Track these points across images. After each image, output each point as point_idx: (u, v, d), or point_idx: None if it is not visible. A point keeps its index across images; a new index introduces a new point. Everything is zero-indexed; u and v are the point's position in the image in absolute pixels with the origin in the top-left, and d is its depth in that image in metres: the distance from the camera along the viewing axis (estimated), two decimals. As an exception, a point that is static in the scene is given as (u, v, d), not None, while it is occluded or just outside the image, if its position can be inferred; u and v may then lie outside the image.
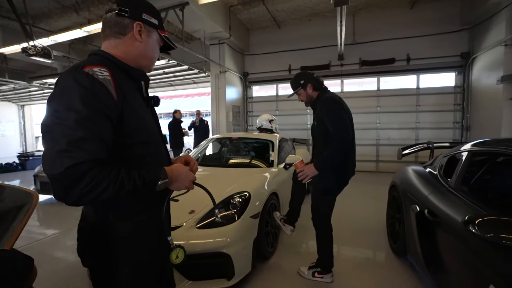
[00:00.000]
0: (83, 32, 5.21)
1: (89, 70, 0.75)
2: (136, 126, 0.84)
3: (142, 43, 0.92)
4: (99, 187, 0.70)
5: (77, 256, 0.94)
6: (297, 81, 2.09)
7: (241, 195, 2.25)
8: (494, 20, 5.27)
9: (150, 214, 0.92)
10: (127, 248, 0.86)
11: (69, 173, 0.67)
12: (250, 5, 6.56)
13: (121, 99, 0.79)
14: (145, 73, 0.98)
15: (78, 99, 0.71)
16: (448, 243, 1.57)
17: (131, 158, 0.84)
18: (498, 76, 5.05)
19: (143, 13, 0.91)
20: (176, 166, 0.91)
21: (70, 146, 0.68)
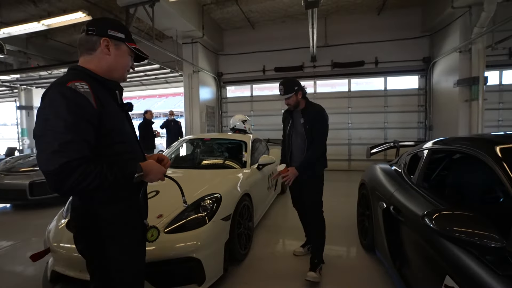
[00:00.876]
0: (42, 25, 4.83)
1: (72, 85, 0.92)
2: (113, 129, 1.02)
3: (111, 56, 1.08)
4: (88, 179, 0.87)
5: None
6: (291, 86, 2.24)
7: (212, 197, 2.19)
8: (450, 28, 5.71)
9: (128, 202, 1.09)
10: (111, 229, 1.03)
11: (63, 169, 0.84)
12: (223, 5, 6.49)
13: (99, 107, 0.96)
14: (119, 83, 1.16)
15: (65, 109, 0.88)
16: (410, 238, 1.64)
17: (111, 156, 1.01)
18: (454, 80, 5.47)
19: (109, 29, 1.07)
20: (149, 162, 1.09)
21: (62, 147, 0.85)
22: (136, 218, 1.12)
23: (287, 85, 2.25)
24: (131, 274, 1.10)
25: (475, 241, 0.99)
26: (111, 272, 1.05)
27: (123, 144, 1.06)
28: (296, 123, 2.35)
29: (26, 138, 8.53)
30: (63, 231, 2.04)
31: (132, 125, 1.19)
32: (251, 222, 2.75)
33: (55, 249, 1.90)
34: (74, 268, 1.82)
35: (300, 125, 2.30)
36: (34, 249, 2.67)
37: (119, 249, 1.05)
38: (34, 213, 4.09)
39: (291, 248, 2.77)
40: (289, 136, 2.40)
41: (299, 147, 2.33)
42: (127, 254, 1.08)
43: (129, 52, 1.13)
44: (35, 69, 6.67)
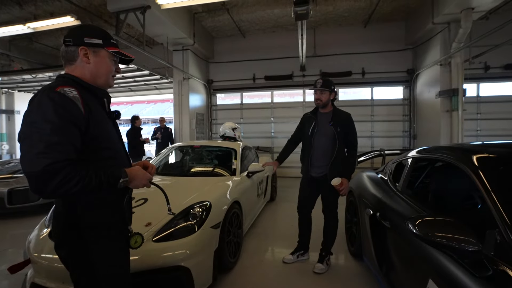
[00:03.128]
0: (28, 28, 4.73)
1: (61, 90, 0.93)
2: (99, 134, 1.03)
3: (91, 64, 1.07)
4: (71, 182, 0.86)
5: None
6: (330, 83, 2.38)
7: (202, 205, 2.18)
8: (431, 42, 6.01)
9: (112, 207, 1.09)
10: (94, 234, 1.03)
11: (46, 170, 0.83)
12: (215, 13, 6.58)
13: (87, 113, 0.97)
14: (106, 91, 1.17)
15: (52, 113, 0.89)
16: (396, 244, 1.69)
17: (97, 160, 1.02)
18: (436, 91, 5.73)
19: (85, 37, 1.06)
20: (134, 168, 1.09)
21: (47, 149, 0.85)
22: (120, 224, 1.11)
23: (326, 81, 2.37)
24: (117, 280, 1.09)
25: (454, 245, 1.04)
26: (97, 278, 1.04)
27: (109, 150, 1.07)
28: (322, 124, 2.41)
29: (5, 144, 8.18)
30: (45, 241, 1.96)
31: (119, 132, 1.21)
32: (240, 230, 2.74)
33: (36, 260, 1.83)
34: (56, 280, 1.75)
35: (328, 127, 2.37)
36: (10, 261, 2.56)
37: (103, 254, 1.04)
38: (11, 222, 3.91)
39: (280, 255, 2.77)
40: (311, 137, 2.44)
41: (322, 147, 2.40)
42: (112, 259, 1.07)
43: (110, 56, 1.12)
44: (18, 72, 6.48)
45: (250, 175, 3.34)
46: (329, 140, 2.37)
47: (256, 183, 3.60)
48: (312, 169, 2.46)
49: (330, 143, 2.36)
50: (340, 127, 2.35)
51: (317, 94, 2.40)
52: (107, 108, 1.14)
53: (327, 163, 2.37)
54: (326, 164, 2.38)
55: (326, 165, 2.38)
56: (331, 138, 2.36)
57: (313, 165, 2.45)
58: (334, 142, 2.35)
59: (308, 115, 2.55)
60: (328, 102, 2.42)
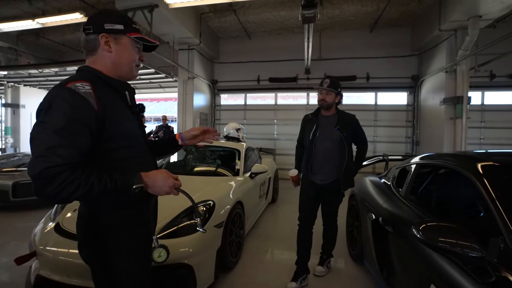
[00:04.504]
0: (36, 23, 4.78)
1: (72, 85, 0.86)
2: (118, 132, 0.95)
3: (113, 53, 0.99)
4: (70, 188, 0.80)
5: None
6: (337, 85, 2.26)
7: (206, 204, 2.20)
8: (437, 49, 6.01)
9: (132, 210, 1.01)
10: (115, 236, 0.98)
11: (43, 174, 0.78)
12: (221, 14, 6.61)
13: (102, 109, 0.90)
14: (127, 84, 1.08)
15: (59, 112, 0.83)
16: (398, 249, 1.70)
17: (117, 161, 0.96)
18: (440, 98, 5.73)
19: (105, 23, 0.97)
20: (154, 172, 0.96)
21: (47, 152, 0.79)
22: (141, 228, 1.04)
23: (334, 81, 2.25)
24: (138, 283, 1.04)
25: (458, 251, 1.05)
26: (117, 281, 1.01)
27: (131, 149, 1.00)
28: (326, 128, 2.25)
29: (9, 137, 8.24)
30: (50, 234, 1.99)
31: (143, 128, 1.11)
32: (242, 230, 2.76)
33: (41, 252, 1.86)
34: (60, 273, 1.78)
35: (333, 131, 2.21)
36: (12, 254, 2.60)
37: (124, 257, 1.00)
38: (16, 215, 3.95)
39: (280, 257, 2.79)
40: (312, 141, 2.26)
41: (326, 152, 2.23)
42: (133, 262, 1.02)
43: (133, 43, 1.02)
44: (25, 67, 6.54)
45: (253, 176, 3.35)
46: (335, 145, 2.22)
47: (259, 184, 3.62)
48: (314, 175, 2.28)
49: (337, 149, 2.22)
50: (347, 131, 2.22)
51: (322, 94, 2.24)
52: (129, 101, 1.06)
53: (333, 169, 2.23)
54: (331, 170, 2.23)
55: (331, 171, 2.24)
56: (337, 143, 2.21)
57: (315, 171, 2.27)
58: (341, 147, 2.21)
59: (309, 117, 2.38)
60: (333, 105, 2.27)
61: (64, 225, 2.03)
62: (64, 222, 2.06)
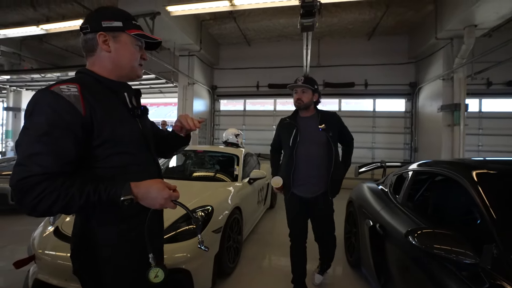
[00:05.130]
0: (40, 29, 4.85)
1: (56, 88, 0.80)
2: (111, 138, 0.86)
3: (112, 52, 0.92)
4: (48, 199, 0.73)
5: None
6: (312, 82, 2.04)
7: (204, 209, 2.21)
8: (434, 57, 6.10)
9: (127, 224, 0.92)
10: (106, 252, 0.89)
11: (20, 185, 0.72)
12: (221, 21, 6.71)
13: (90, 113, 0.82)
14: (126, 85, 1.00)
15: (41, 117, 0.77)
16: (395, 255, 1.71)
17: (110, 168, 0.88)
18: (438, 105, 5.78)
19: (102, 21, 0.90)
20: (146, 182, 0.84)
21: (25, 160, 0.74)
22: (136, 245, 0.93)
23: (309, 78, 2.04)
24: None
25: (452, 257, 1.07)
26: None
27: (126, 156, 0.90)
28: (307, 130, 2.01)
29: (10, 140, 8.27)
30: (49, 238, 2.00)
31: (145, 132, 1.01)
32: (240, 235, 2.76)
33: (40, 256, 1.86)
34: (59, 277, 1.78)
35: (317, 132, 1.98)
36: (10, 258, 2.59)
37: (114, 275, 0.91)
38: (14, 218, 3.94)
39: (278, 263, 2.78)
40: (293, 148, 1.99)
41: (311, 158, 1.97)
42: (124, 282, 0.93)
43: (133, 41, 0.95)
44: (28, 72, 6.61)
45: (252, 182, 3.37)
46: (321, 149, 1.97)
47: (257, 190, 3.63)
48: (298, 187, 2.00)
49: (324, 152, 1.97)
50: (332, 130, 2.00)
51: (297, 93, 2.00)
52: (129, 103, 0.96)
53: (322, 177, 1.98)
54: (319, 178, 1.98)
55: (319, 181, 1.98)
56: (324, 146, 1.97)
57: (299, 183, 1.99)
58: (329, 150, 1.97)
59: (286, 121, 2.13)
60: (311, 104, 2.04)
61: (63, 229, 2.03)
62: (64, 226, 2.07)
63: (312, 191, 2.00)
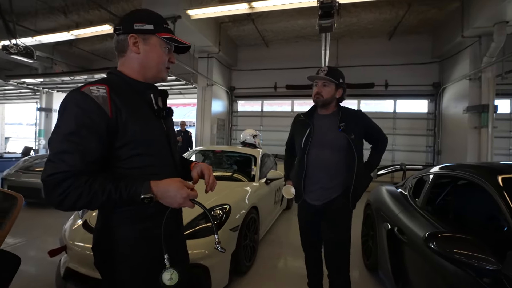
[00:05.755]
0: (71, 35, 5.17)
1: (86, 89, 0.83)
2: (135, 139, 0.88)
3: (141, 54, 0.94)
4: (73, 195, 0.76)
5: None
6: (337, 74, 1.69)
7: (222, 208, 2.27)
8: (460, 56, 5.83)
9: (150, 224, 0.94)
10: (122, 251, 0.91)
11: (48, 181, 0.76)
12: (240, 23, 6.82)
13: (116, 114, 0.84)
14: (153, 86, 1.01)
15: (70, 116, 0.80)
16: (414, 260, 1.68)
17: (131, 169, 0.90)
18: (464, 106, 5.53)
19: (134, 23, 0.93)
20: (166, 181, 0.85)
21: (54, 157, 0.78)
22: (153, 245, 0.93)
23: (334, 70, 1.70)
24: None
25: (474, 263, 1.04)
26: None
27: (147, 157, 0.92)
28: (323, 131, 1.70)
29: (42, 139, 8.87)
30: (78, 230, 2.14)
31: (169, 134, 1.04)
32: (256, 235, 2.80)
33: (70, 246, 2.00)
34: (87, 266, 1.91)
35: (336, 133, 1.65)
36: (41, 249, 2.79)
37: (129, 274, 0.92)
38: (46, 212, 4.23)
39: (293, 264, 2.80)
40: (304, 150, 1.71)
41: (324, 165, 1.68)
42: (138, 281, 0.93)
43: (163, 44, 0.97)
44: (59, 75, 7.07)
45: (269, 182, 3.40)
46: (338, 153, 1.66)
47: (274, 190, 3.66)
48: (308, 194, 1.74)
49: (342, 158, 1.66)
50: (355, 132, 1.64)
51: (317, 87, 1.68)
52: (155, 105, 0.98)
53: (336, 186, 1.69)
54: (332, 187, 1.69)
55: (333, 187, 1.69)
56: (343, 150, 1.65)
57: (310, 189, 1.73)
58: (349, 156, 1.65)
59: (300, 117, 1.84)
60: (332, 101, 1.70)
61: (91, 222, 2.17)
62: (91, 219, 2.21)
63: (321, 198, 1.72)
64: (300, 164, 1.76)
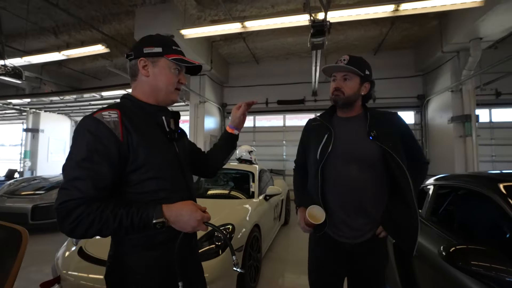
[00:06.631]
0: (62, 55, 5.13)
1: (98, 115, 0.84)
2: (145, 163, 0.87)
3: (150, 77, 0.96)
4: (85, 223, 0.76)
5: None
6: (363, 65, 1.30)
7: (225, 228, 2.23)
8: (441, 70, 6.16)
9: (164, 250, 0.91)
10: (135, 279, 0.89)
11: (60, 208, 0.76)
12: (231, 42, 6.98)
13: (127, 139, 0.85)
14: (165, 108, 1.02)
15: (82, 142, 0.81)
16: (423, 272, 1.68)
17: (142, 194, 0.88)
18: (448, 117, 5.77)
19: (144, 48, 0.95)
20: (178, 204, 0.84)
21: (67, 184, 0.78)
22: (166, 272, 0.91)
23: (357, 59, 1.30)
24: None
25: (493, 275, 1.05)
26: None
27: (158, 180, 0.90)
28: (348, 138, 1.28)
29: (28, 160, 8.52)
30: (73, 258, 2.03)
31: (181, 156, 1.02)
32: (259, 253, 2.74)
33: (64, 277, 1.89)
34: (84, 297, 1.80)
35: (365, 143, 1.23)
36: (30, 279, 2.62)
37: None
38: (35, 238, 4.00)
39: (297, 282, 2.74)
40: (320, 161, 1.26)
41: (350, 184, 1.23)
42: None
43: (171, 65, 0.97)
44: (48, 94, 6.92)
45: (268, 198, 3.38)
46: (370, 170, 1.22)
47: (273, 206, 3.63)
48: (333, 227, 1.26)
49: (376, 176, 1.22)
50: (393, 140, 1.21)
51: (336, 81, 1.30)
52: (166, 127, 0.98)
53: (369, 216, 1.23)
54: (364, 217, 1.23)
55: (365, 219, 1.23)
56: (376, 165, 1.21)
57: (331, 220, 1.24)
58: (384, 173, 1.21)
59: (316, 122, 1.41)
60: (356, 99, 1.29)
61: (87, 249, 2.07)
62: (87, 246, 2.10)
63: (350, 234, 1.24)
64: (314, 181, 1.29)
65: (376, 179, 1.23)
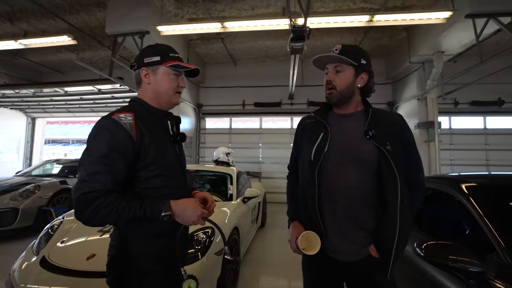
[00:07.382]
0: (19, 44, 4.66)
1: (116, 116, 0.95)
2: (154, 161, 0.98)
3: (151, 84, 1.07)
4: (103, 212, 0.86)
5: None
6: (358, 54, 1.15)
7: (205, 231, 2.15)
8: (409, 79, 6.61)
9: (162, 241, 1.01)
10: (139, 267, 0.98)
11: (81, 198, 0.85)
12: (209, 42, 6.87)
13: (140, 139, 0.95)
14: (169, 113, 1.13)
15: (102, 141, 0.91)
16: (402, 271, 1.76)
17: (148, 189, 0.98)
18: (415, 123, 6.20)
19: (144, 58, 1.06)
20: (183, 201, 0.96)
21: (88, 177, 0.87)
22: (169, 260, 1.02)
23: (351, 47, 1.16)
24: None
25: (459, 267, 1.12)
26: None
27: (164, 177, 1.01)
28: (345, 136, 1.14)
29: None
30: (33, 269, 1.84)
31: (181, 157, 1.14)
32: (238, 256, 2.70)
33: (23, 291, 1.69)
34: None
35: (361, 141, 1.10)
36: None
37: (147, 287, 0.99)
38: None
39: (276, 284, 2.73)
40: (315, 162, 1.11)
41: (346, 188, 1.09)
42: None
43: (170, 71, 1.07)
44: (1, 87, 6.24)
45: (246, 201, 3.34)
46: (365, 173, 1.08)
47: (251, 209, 3.60)
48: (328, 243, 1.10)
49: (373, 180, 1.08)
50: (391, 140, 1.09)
51: (329, 74, 1.19)
52: (171, 130, 1.09)
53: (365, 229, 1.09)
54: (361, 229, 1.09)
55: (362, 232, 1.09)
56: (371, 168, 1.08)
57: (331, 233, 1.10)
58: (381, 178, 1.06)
59: (310, 119, 1.25)
60: (352, 93, 1.16)
61: (51, 258, 1.88)
62: (51, 255, 1.91)
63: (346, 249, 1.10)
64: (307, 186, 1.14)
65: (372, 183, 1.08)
